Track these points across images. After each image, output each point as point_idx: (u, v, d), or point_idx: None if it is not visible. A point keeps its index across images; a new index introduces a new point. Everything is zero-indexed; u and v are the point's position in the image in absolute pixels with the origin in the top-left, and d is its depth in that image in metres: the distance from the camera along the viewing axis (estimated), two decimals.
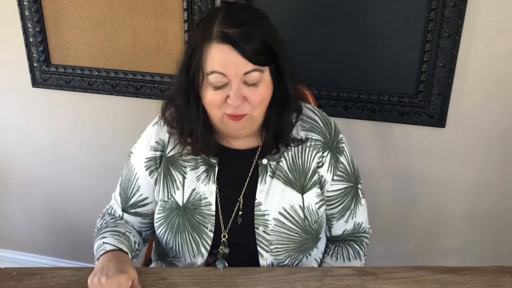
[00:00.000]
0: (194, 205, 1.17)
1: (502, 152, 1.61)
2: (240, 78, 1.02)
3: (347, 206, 1.24)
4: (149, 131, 1.22)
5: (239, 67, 1.01)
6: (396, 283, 1.08)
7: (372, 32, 1.52)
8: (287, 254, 1.17)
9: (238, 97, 1.02)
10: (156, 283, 1.09)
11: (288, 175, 1.16)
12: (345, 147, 1.22)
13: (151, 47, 1.71)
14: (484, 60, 1.50)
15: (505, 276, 1.10)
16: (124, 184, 1.25)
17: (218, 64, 1.01)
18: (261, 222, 1.15)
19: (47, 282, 1.08)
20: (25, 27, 1.78)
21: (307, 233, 1.18)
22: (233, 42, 0.99)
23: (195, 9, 1.60)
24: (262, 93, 1.05)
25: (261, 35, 1.01)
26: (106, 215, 1.28)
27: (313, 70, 1.60)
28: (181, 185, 1.18)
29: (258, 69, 1.02)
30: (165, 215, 1.19)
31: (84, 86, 1.83)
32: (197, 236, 1.17)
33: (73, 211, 2.11)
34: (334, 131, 1.21)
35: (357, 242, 1.30)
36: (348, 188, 1.23)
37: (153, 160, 1.19)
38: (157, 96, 1.76)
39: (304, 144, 1.17)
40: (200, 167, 1.17)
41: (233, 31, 0.99)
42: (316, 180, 1.18)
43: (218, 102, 1.04)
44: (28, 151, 2.04)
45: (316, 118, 1.21)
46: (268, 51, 1.03)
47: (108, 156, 1.95)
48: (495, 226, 1.73)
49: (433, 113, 1.58)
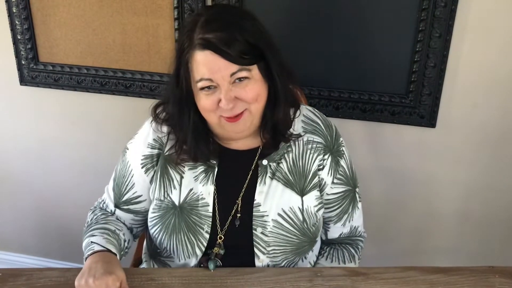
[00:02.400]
0: (191, 205, 1.16)
1: (492, 152, 1.61)
2: (228, 81, 1.02)
3: (345, 210, 1.24)
4: (147, 128, 1.20)
5: (224, 71, 1.01)
6: (387, 284, 1.08)
7: (363, 32, 1.52)
8: (284, 257, 1.17)
9: (229, 99, 1.02)
10: (145, 284, 1.08)
11: (288, 176, 1.16)
12: (345, 150, 1.22)
13: (141, 45, 1.69)
14: (475, 61, 1.50)
15: (495, 276, 1.10)
16: (118, 180, 1.23)
17: (203, 71, 1.02)
18: (260, 223, 1.14)
19: (34, 284, 1.07)
20: (13, 24, 1.75)
21: (305, 235, 1.17)
22: (214, 47, 0.99)
23: (186, 7, 1.59)
24: (254, 89, 1.05)
25: (244, 36, 1.01)
26: (98, 210, 1.26)
27: (304, 70, 1.59)
28: (178, 184, 1.16)
29: (244, 68, 1.02)
30: (160, 214, 1.18)
31: (73, 84, 1.81)
32: (192, 237, 1.16)
33: (61, 210, 2.09)
34: (335, 134, 1.21)
35: (353, 245, 1.30)
36: (347, 192, 1.23)
37: (149, 158, 1.18)
38: (147, 95, 1.74)
39: (305, 146, 1.17)
40: (199, 167, 1.16)
41: (213, 35, 1.00)
42: (316, 182, 1.18)
43: (212, 106, 1.05)
44: (15, 150, 2.01)
45: (317, 120, 1.21)
46: (252, 50, 1.02)
47: (97, 155, 1.93)
48: (485, 226, 1.73)
49: (424, 113, 1.58)
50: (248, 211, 1.15)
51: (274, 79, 1.07)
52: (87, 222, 1.23)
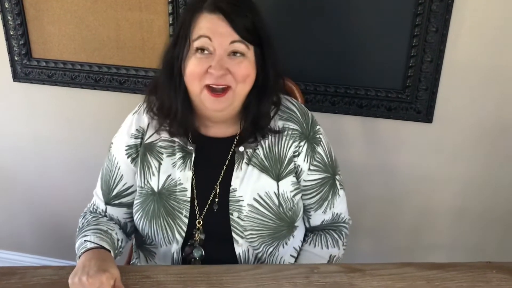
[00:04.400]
0: (169, 191, 1.17)
1: (489, 148, 1.61)
2: (225, 49, 1.05)
3: (325, 197, 1.25)
4: (129, 120, 1.23)
5: (225, 37, 1.04)
6: (383, 280, 1.07)
7: (360, 26, 1.51)
8: (261, 240, 1.18)
9: (220, 66, 1.04)
10: (140, 281, 1.07)
11: (264, 162, 1.17)
12: (322, 138, 1.22)
13: (135, 40, 1.68)
14: (472, 55, 1.49)
15: (492, 271, 1.10)
16: (106, 176, 1.24)
17: (205, 29, 1.05)
18: (236, 208, 1.16)
19: (27, 282, 1.06)
20: (5, 19, 1.74)
21: (282, 220, 1.18)
22: (224, 12, 1.04)
23: (180, 2, 1.58)
24: (247, 67, 1.07)
25: (252, 16, 1.06)
26: (88, 214, 1.26)
27: (300, 65, 1.59)
28: (156, 171, 1.18)
29: (244, 42, 1.05)
30: (141, 201, 1.20)
31: (67, 80, 1.79)
32: (171, 222, 1.17)
33: (55, 207, 2.08)
34: (311, 122, 1.22)
35: (336, 231, 1.30)
36: (326, 179, 1.23)
37: (134, 148, 1.20)
38: (141, 91, 1.72)
39: (281, 133, 1.18)
40: (177, 154, 1.18)
41: (225, 3, 1.04)
42: (292, 168, 1.19)
43: (200, 72, 1.06)
44: (9, 147, 2.00)
45: (293, 108, 1.22)
46: (255, 32, 1.07)
47: (91, 152, 1.91)
48: (482, 221, 1.73)
49: (421, 108, 1.57)
50: (225, 197, 1.17)
51: (267, 69, 1.10)
52: (78, 227, 1.22)
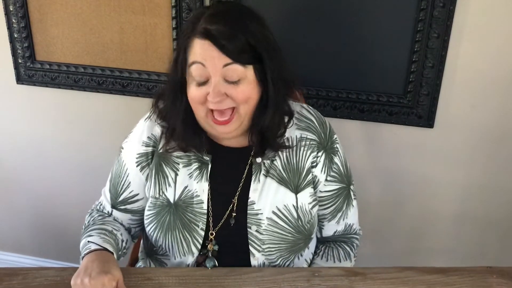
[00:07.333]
0: (186, 202, 1.15)
1: (490, 153, 1.61)
2: (220, 73, 1.02)
3: (339, 207, 1.23)
4: (141, 126, 1.20)
5: (217, 60, 1.01)
6: (384, 284, 1.08)
7: (362, 32, 1.52)
8: (279, 254, 1.16)
9: (217, 92, 1.02)
10: (142, 283, 1.07)
11: (282, 174, 1.15)
12: (339, 147, 1.21)
13: (138, 44, 1.68)
14: (473, 61, 1.50)
15: (492, 276, 1.10)
16: (114, 180, 1.23)
17: (197, 55, 1.02)
18: (254, 222, 1.14)
19: (29, 283, 1.06)
20: (10, 22, 1.74)
21: (300, 233, 1.17)
22: (213, 38, 1.00)
23: (184, 6, 1.58)
24: (245, 91, 1.04)
25: (245, 35, 1.01)
26: (95, 212, 1.26)
27: (302, 70, 1.59)
28: (173, 182, 1.16)
29: (238, 64, 1.01)
30: (155, 212, 1.17)
31: (70, 83, 1.80)
32: (188, 235, 1.15)
33: (57, 209, 2.08)
34: (329, 131, 1.20)
35: (348, 243, 1.29)
36: (341, 189, 1.22)
37: (144, 156, 1.18)
38: (144, 94, 1.74)
39: (299, 143, 1.16)
40: (193, 164, 1.16)
41: (215, 27, 1.00)
42: (310, 180, 1.17)
43: (200, 98, 1.04)
44: (12, 149, 2.00)
45: (311, 118, 1.20)
46: (251, 51, 1.02)
47: (93, 155, 1.92)
48: (483, 226, 1.73)
49: (422, 113, 1.58)
50: (242, 209, 1.15)
51: (272, 82, 1.06)
52: (84, 224, 1.22)
